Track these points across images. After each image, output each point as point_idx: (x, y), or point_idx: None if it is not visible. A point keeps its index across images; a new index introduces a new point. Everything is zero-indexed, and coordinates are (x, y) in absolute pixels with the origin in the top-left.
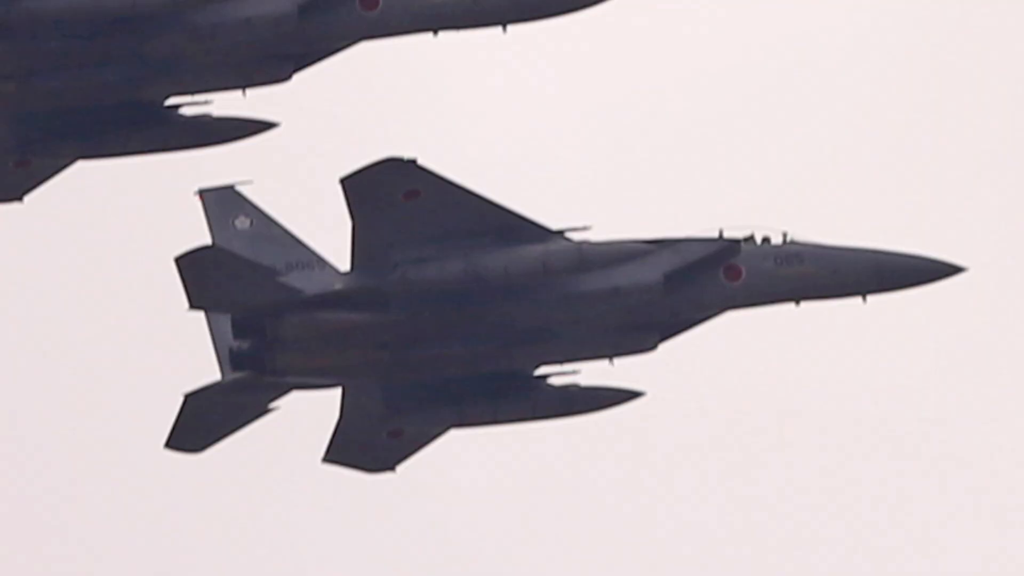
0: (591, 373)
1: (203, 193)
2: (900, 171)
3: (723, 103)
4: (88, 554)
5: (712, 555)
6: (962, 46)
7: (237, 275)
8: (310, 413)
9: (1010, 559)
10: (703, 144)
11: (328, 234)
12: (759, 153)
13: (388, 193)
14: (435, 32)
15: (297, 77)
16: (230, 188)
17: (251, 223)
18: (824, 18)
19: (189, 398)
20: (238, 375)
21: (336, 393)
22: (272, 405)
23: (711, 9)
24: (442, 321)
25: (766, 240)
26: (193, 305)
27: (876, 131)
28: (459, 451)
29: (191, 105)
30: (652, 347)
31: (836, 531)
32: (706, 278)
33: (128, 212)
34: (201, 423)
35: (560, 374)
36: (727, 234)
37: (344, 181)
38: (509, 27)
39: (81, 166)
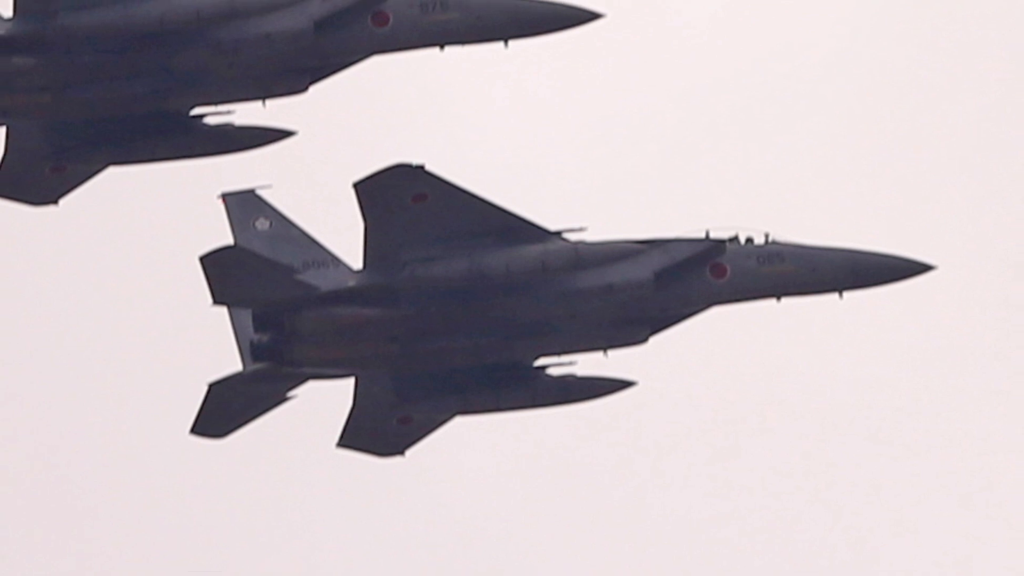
0: (587, 364)
1: (225, 197)
2: (874, 177)
3: (708, 115)
4: (120, 530)
5: (700, 533)
6: (928, 59)
7: (257, 273)
8: (325, 401)
9: (977, 537)
10: (691, 151)
11: (342, 235)
12: (742, 160)
13: (398, 197)
14: (441, 47)
15: (313, 89)
16: (251, 192)
17: (270, 225)
18: (801, 39)
19: (213, 387)
20: (258, 366)
21: (349, 383)
22: (290, 394)
23: (696, 27)
24: (448, 316)
25: (749, 240)
26: (216, 301)
27: (850, 141)
28: (464, 436)
29: (214, 115)
30: (643, 340)
31: (814, 511)
32: (693, 276)
33: (156, 214)
34: (224, 411)
35: (558, 365)
36: (713, 235)
37: (357, 185)
38: (510, 42)
39: (112, 172)
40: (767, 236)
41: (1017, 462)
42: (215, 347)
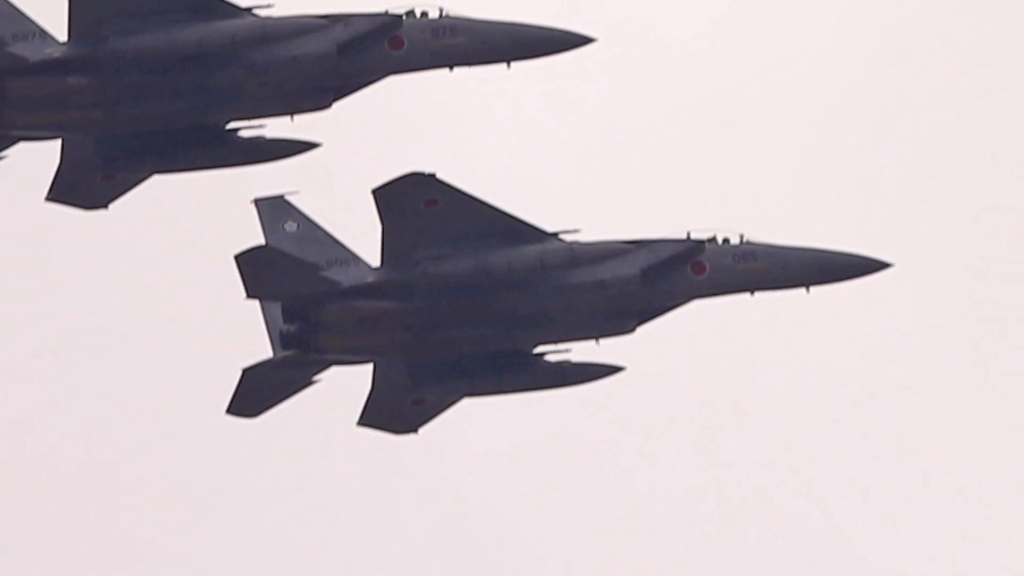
0: (580, 351)
1: (258, 202)
2: (837, 184)
3: (689, 128)
4: (164, 498)
5: (684, 504)
6: (885, 79)
7: (286, 270)
8: (346, 385)
9: (937, 509)
10: (674, 161)
11: (361, 236)
12: (720, 169)
13: (412, 202)
14: (451, 68)
15: (336, 105)
16: (280, 198)
17: (298, 227)
18: (774, 63)
19: (246, 372)
20: (287, 353)
21: (368, 368)
22: (315, 378)
23: (679, 50)
24: (456, 308)
25: (726, 241)
26: (249, 295)
27: (815, 153)
28: (471, 416)
29: (247, 129)
30: (631, 330)
31: (788, 485)
32: (676, 272)
33: (195, 218)
34: (256, 393)
35: (554, 352)
36: (693, 236)
37: (375, 192)
38: (512, 64)
39: (156, 179)
40: (742, 237)
41: (965, 438)
42: (248, 336)
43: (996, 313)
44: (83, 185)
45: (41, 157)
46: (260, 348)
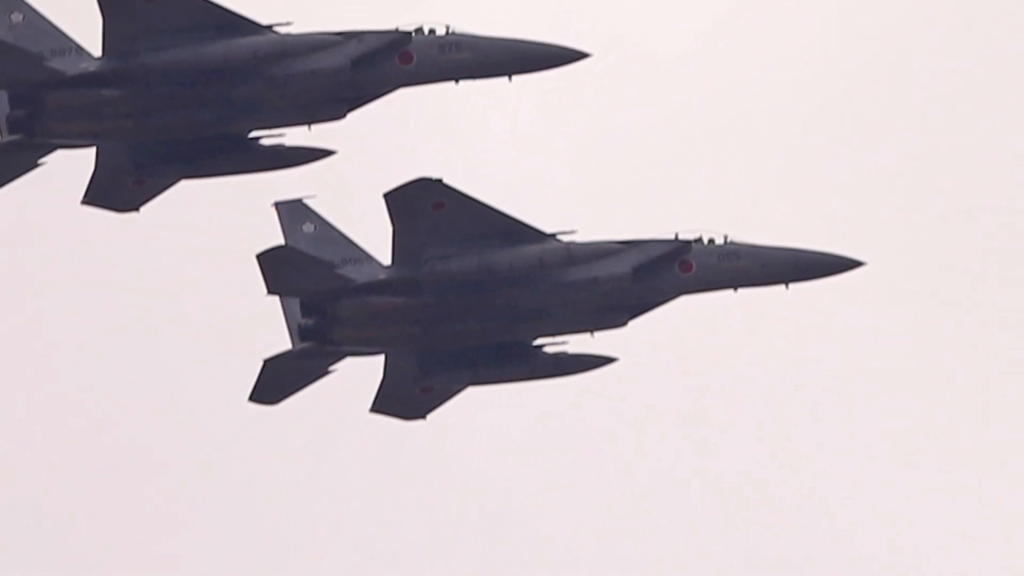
0: (576, 343)
1: (278, 205)
2: (814, 189)
3: (676, 137)
4: (192, 475)
5: (671, 481)
6: (858, 90)
7: (304, 268)
8: (360, 374)
9: (899, 479)
10: (663, 167)
11: (373, 236)
12: (706, 175)
13: (420, 205)
14: (456, 81)
15: (350, 115)
16: (298, 201)
17: (314, 228)
18: (752, 77)
19: (267, 363)
20: (305, 345)
21: (380, 359)
22: (331, 368)
23: (665, 67)
24: (462, 303)
25: (711, 241)
26: (270, 291)
27: (793, 160)
28: (475, 403)
29: (268, 137)
30: (623, 324)
31: (766, 462)
32: (665, 270)
33: (220, 219)
34: (277, 382)
35: (552, 344)
36: (681, 236)
37: (386, 196)
38: (513, 77)
39: (184, 184)
40: (726, 238)
41: (931, 422)
42: (269, 329)
43: (963, 309)
44: (116, 189)
45: (77, 163)
46: (280, 340)
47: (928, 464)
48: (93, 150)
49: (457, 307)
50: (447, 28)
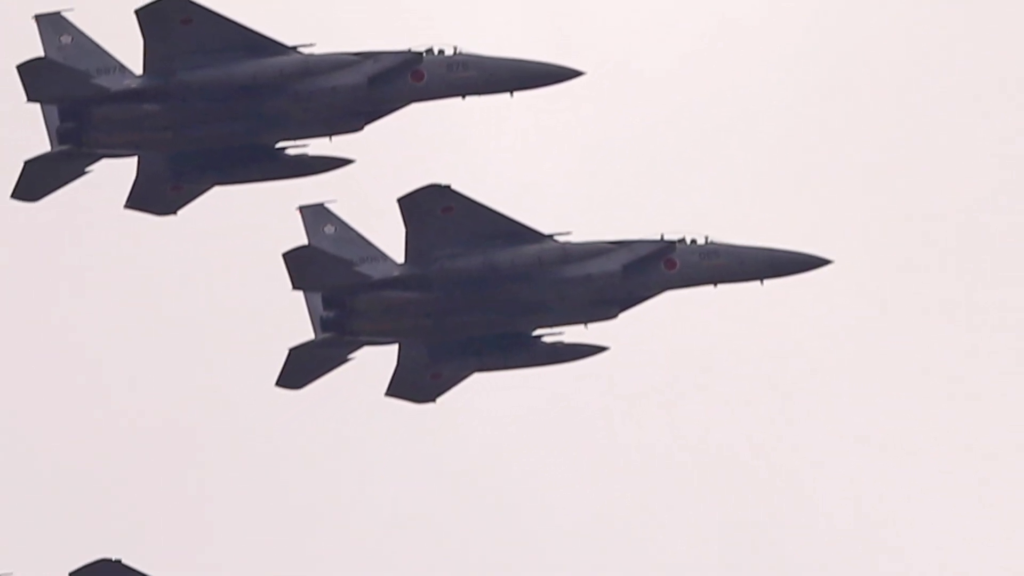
0: (572, 334)
1: (302, 209)
2: (786, 194)
3: (661, 147)
4: (224, 451)
5: (658, 457)
6: (827, 99)
7: (326, 266)
8: (376, 362)
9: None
10: (650, 174)
11: (388, 237)
12: (689, 181)
13: (431, 209)
14: (463, 97)
15: (367, 128)
16: (320, 205)
17: (335, 230)
18: (730, 92)
19: (292, 351)
20: (326, 335)
21: (394, 348)
22: (350, 356)
23: (653, 83)
24: (468, 298)
25: (693, 241)
26: (295, 287)
27: (767, 168)
28: (480, 388)
29: (293, 147)
30: (614, 316)
31: (742, 441)
32: (651, 268)
33: (249, 222)
34: (301, 368)
35: (550, 334)
36: (666, 237)
37: (400, 200)
38: (515, 93)
39: (217, 190)
40: (707, 238)
41: (886, 402)
42: (294, 321)
43: (919, 303)
44: (156, 195)
45: (120, 171)
46: (304, 331)
47: (890, 441)
48: (135, 159)
49: (464, 301)
50: (455, 49)
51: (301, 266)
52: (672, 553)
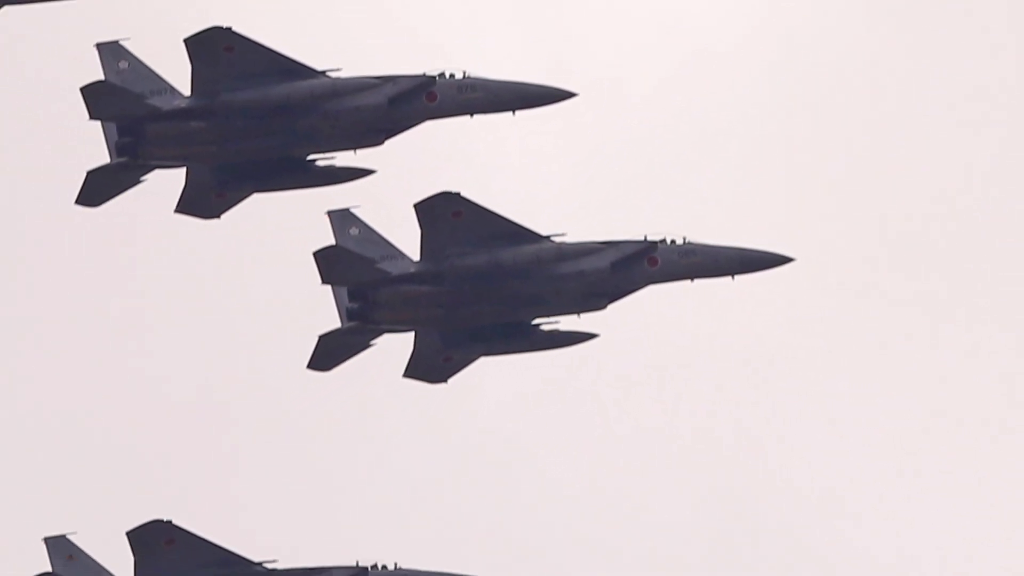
0: (566, 322)
1: (330, 213)
2: (755, 201)
3: (646, 158)
4: (262, 424)
5: (642, 430)
6: (798, 113)
7: (351, 263)
8: (395, 347)
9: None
10: (636, 182)
11: (406, 238)
12: (670, 189)
13: (443, 213)
14: (471, 115)
15: (388, 142)
16: (346, 210)
17: (359, 232)
18: (704, 113)
19: (322, 338)
20: (351, 324)
21: (411, 335)
22: (372, 342)
23: (639, 103)
24: (475, 291)
25: (673, 242)
26: (324, 281)
27: (739, 178)
28: (486, 370)
29: (322, 159)
30: (603, 307)
31: (719, 420)
32: (636, 265)
33: (284, 224)
34: (329, 353)
35: (547, 323)
36: (649, 238)
37: (416, 206)
38: (516, 112)
39: (256, 197)
40: (684, 239)
41: (839, 381)
42: (323, 311)
43: (870, 295)
44: (202, 201)
45: (171, 180)
46: (332, 320)
47: (847, 415)
48: (183, 170)
49: (472, 294)
50: (464, 73)
51: (329, 263)
52: (655, 512)
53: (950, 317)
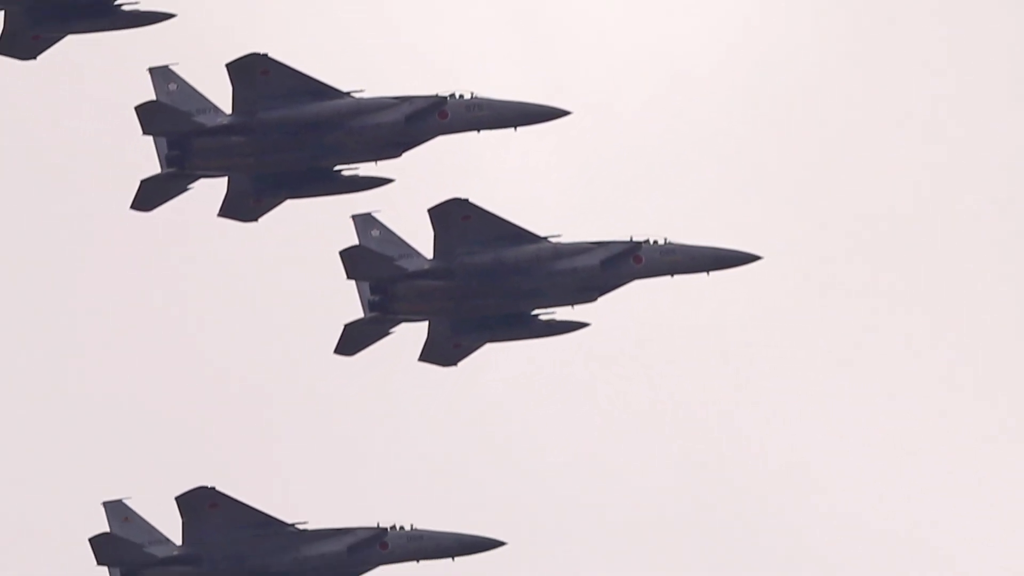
0: (562, 313)
1: (354, 217)
2: (728, 206)
3: (632, 167)
4: (292, 402)
5: (627, 409)
6: (755, 126)
7: (372, 261)
8: (411, 334)
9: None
10: (623, 189)
11: (421, 239)
12: (653, 195)
13: (453, 217)
14: (478, 131)
15: (405, 155)
16: (368, 214)
17: (379, 233)
18: (681, 125)
19: (347, 327)
20: (373, 314)
21: (425, 324)
22: (391, 330)
23: (627, 120)
24: (482, 286)
25: (655, 242)
26: (349, 277)
27: (713, 185)
28: (491, 354)
29: (347, 169)
30: (594, 299)
31: (701, 402)
32: (623, 262)
33: (314, 227)
34: (353, 340)
35: (545, 314)
36: (634, 239)
37: (430, 211)
38: (518, 128)
39: (288, 203)
40: (666, 240)
41: (801, 365)
42: (348, 303)
43: (832, 291)
44: (241, 206)
45: (214, 188)
46: (355, 311)
47: (809, 395)
48: (225, 179)
49: (479, 288)
50: (471, 94)
51: (353, 261)
52: (639, 477)
53: (906, 309)
